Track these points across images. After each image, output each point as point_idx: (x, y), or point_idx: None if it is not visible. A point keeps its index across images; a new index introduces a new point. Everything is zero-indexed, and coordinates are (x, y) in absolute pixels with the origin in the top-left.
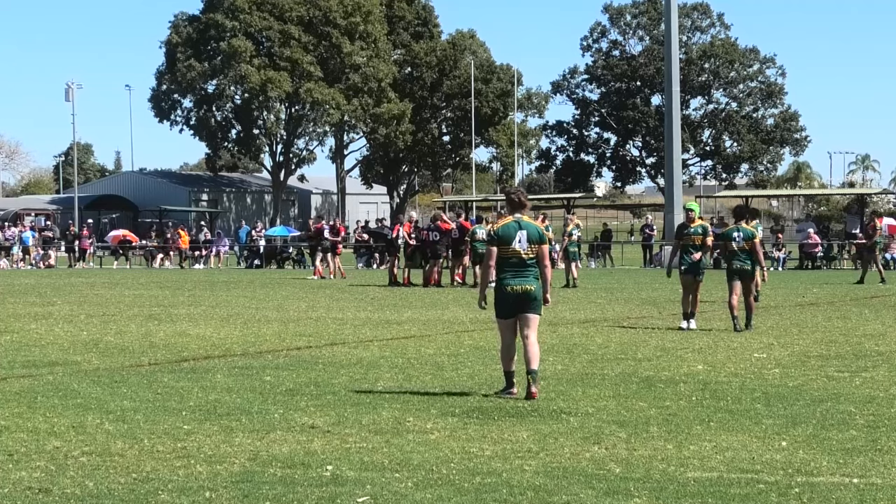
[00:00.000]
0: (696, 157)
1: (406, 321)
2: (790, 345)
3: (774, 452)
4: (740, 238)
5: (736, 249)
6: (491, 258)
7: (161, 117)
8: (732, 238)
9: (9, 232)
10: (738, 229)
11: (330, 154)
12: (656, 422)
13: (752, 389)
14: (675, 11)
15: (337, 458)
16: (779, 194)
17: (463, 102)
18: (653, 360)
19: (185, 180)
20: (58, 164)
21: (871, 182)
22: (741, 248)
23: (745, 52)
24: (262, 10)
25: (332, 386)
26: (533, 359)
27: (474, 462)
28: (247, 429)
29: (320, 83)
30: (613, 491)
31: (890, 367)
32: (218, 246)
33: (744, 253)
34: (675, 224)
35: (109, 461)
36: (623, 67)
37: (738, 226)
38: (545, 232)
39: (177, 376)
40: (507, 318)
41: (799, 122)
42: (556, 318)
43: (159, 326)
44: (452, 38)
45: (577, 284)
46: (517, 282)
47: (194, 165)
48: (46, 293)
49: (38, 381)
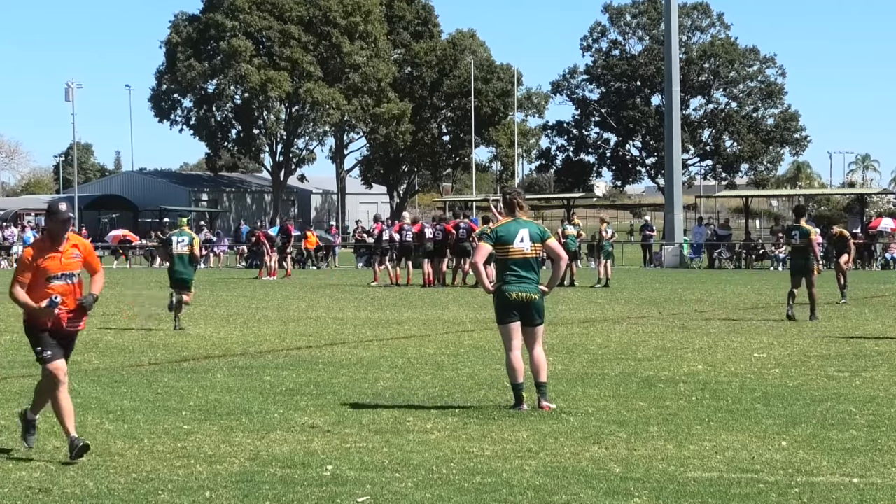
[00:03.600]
0: (696, 157)
1: (406, 321)
2: (790, 345)
3: (774, 452)
4: (797, 236)
5: (796, 246)
6: (479, 254)
7: (161, 117)
8: (791, 237)
9: (8, 232)
10: (797, 228)
11: (330, 154)
12: (656, 422)
13: (752, 389)
14: (675, 11)
15: (337, 458)
16: (779, 194)
17: (463, 102)
18: (653, 360)
19: (185, 180)
20: (58, 163)
21: (871, 182)
22: (798, 246)
23: (745, 52)
24: (262, 9)
25: (332, 386)
26: (541, 370)
27: (474, 462)
28: (247, 429)
29: (320, 83)
30: (613, 491)
31: (890, 367)
32: (218, 246)
33: (801, 250)
34: (675, 224)
35: (109, 461)
36: (623, 67)
37: (798, 224)
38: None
39: (177, 376)
40: (510, 323)
41: (799, 122)
42: (556, 318)
43: (159, 326)
44: (452, 38)
45: (610, 284)
46: (520, 288)
47: (194, 165)
48: None
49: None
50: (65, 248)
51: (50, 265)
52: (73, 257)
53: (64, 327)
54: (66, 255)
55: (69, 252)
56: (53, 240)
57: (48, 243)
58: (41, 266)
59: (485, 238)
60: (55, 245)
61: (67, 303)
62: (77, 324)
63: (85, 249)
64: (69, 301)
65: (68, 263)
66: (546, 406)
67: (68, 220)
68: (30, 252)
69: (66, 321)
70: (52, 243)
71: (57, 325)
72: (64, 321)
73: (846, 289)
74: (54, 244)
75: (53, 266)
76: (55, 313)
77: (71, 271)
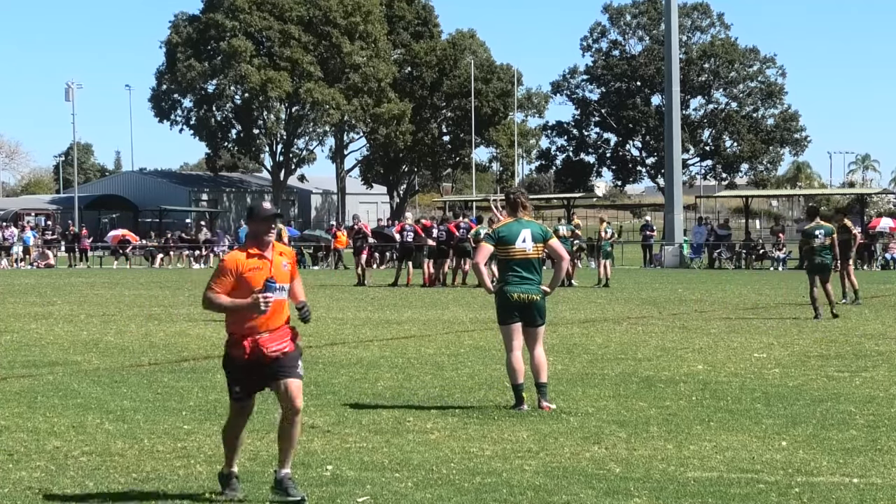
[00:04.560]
0: (696, 157)
1: (406, 321)
2: (790, 345)
3: (774, 452)
4: (822, 234)
5: (818, 246)
6: (480, 255)
7: (161, 117)
8: (815, 235)
9: (8, 232)
10: (820, 226)
11: (330, 154)
12: (656, 422)
13: (752, 389)
14: (675, 11)
15: (337, 458)
16: (779, 194)
17: (463, 102)
18: (653, 360)
19: (185, 180)
20: (58, 164)
21: (871, 182)
22: (822, 244)
23: (745, 52)
24: (262, 10)
25: (332, 386)
26: (541, 370)
27: (474, 462)
28: (247, 429)
29: (320, 83)
30: (613, 491)
31: (890, 367)
32: (218, 246)
33: (824, 249)
34: (675, 224)
35: (109, 461)
36: (623, 67)
37: (819, 223)
38: (548, 229)
39: (177, 376)
40: (511, 324)
41: (799, 122)
42: (557, 318)
43: (159, 326)
44: (452, 38)
45: (610, 284)
46: (522, 289)
47: (194, 165)
48: (46, 293)
49: (38, 381)
50: (272, 256)
51: (255, 276)
52: (283, 267)
53: (266, 354)
54: (274, 264)
55: (277, 261)
56: (259, 245)
57: (253, 250)
58: (244, 276)
59: (486, 238)
60: (262, 252)
61: (269, 322)
62: (283, 346)
63: (292, 257)
64: (274, 319)
65: (278, 275)
66: (546, 406)
67: (272, 219)
68: (232, 259)
69: (268, 346)
70: (258, 250)
71: (256, 354)
72: (265, 347)
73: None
74: (261, 251)
75: (260, 277)
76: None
77: (281, 284)
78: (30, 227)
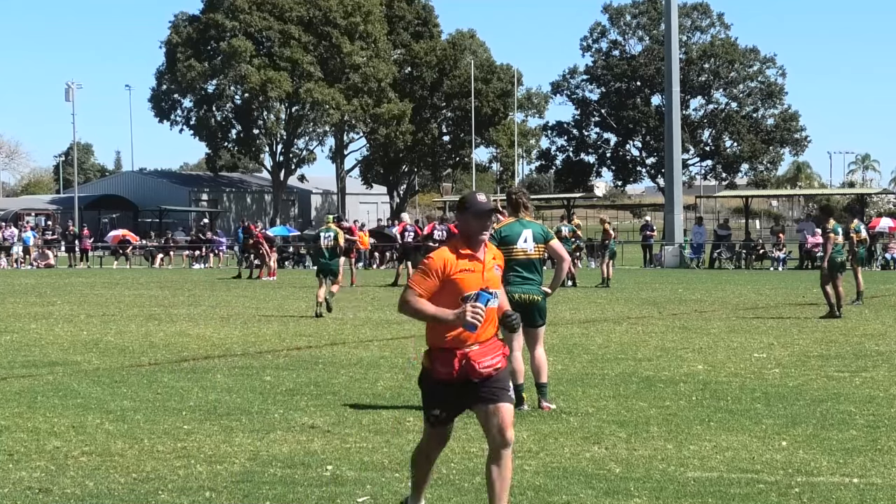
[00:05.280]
0: (696, 157)
1: (406, 321)
2: (790, 345)
3: (774, 452)
4: (841, 232)
5: (841, 243)
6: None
7: (161, 117)
8: (837, 233)
9: (8, 232)
10: (839, 225)
11: (330, 154)
12: (656, 422)
13: (752, 389)
14: (675, 11)
15: (337, 458)
16: (779, 194)
17: (463, 102)
18: (653, 360)
19: (185, 180)
20: (58, 164)
21: (871, 182)
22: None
23: (745, 52)
24: (262, 10)
25: (332, 386)
26: (541, 371)
27: (474, 462)
28: (247, 429)
29: (320, 83)
30: (613, 491)
31: (890, 367)
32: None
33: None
34: (675, 224)
35: (109, 461)
36: (623, 67)
37: (837, 222)
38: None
39: (177, 376)
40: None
41: (799, 122)
42: (557, 318)
43: (159, 326)
44: (452, 38)
45: (610, 284)
46: (523, 290)
47: (194, 165)
48: (46, 293)
49: (38, 381)
50: (485, 258)
51: (467, 280)
52: (495, 270)
53: (477, 371)
54: (487, 267)
55: (490, 264)
56: (470, 244)
57: (464, 249)
58: (453, 279)
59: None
60: (473, 251)
61: (480, 333)
62: (495, 361)
63: (502, 260)
64: (485, 329)
65: (490, 279)
66: (546, 406)
67: (488, 214)
68: (440, 258)
69: (480, 361)
70: (470, 249)
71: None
72: (476, 363)
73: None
74: (473, 251)
75: (472, 282)
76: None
77: (495, 290)
78: (30, 227)
